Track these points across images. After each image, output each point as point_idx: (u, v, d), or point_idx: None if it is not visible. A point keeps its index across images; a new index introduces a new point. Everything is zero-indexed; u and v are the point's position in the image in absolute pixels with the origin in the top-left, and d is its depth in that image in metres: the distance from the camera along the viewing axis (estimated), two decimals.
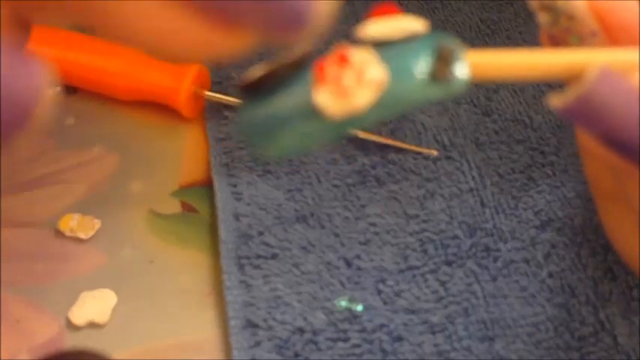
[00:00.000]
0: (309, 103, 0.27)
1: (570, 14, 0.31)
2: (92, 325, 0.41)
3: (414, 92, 0.27)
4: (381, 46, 0.27)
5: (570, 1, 0.31)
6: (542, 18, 0.32)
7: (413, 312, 0.40)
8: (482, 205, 0.44)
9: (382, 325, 0.40)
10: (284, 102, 0.27)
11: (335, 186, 0.45)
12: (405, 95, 0.27)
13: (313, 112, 0.27)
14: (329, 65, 0.26)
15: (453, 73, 0.27)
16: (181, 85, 0.47)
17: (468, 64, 0.27)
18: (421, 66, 0.27)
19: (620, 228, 0.35)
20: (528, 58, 0.28)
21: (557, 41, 0.32)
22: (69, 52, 0.49)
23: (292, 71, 0.27)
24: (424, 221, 0.43)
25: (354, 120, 0.27)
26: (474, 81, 0.27)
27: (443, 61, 0.27)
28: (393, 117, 0.45)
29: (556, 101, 0.29)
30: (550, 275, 0.41)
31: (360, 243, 0.42)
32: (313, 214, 0.44)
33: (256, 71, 0.28)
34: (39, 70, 0.22)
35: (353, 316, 0.40)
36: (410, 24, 0.28)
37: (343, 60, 0.26)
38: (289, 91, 0.27)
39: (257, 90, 0.28)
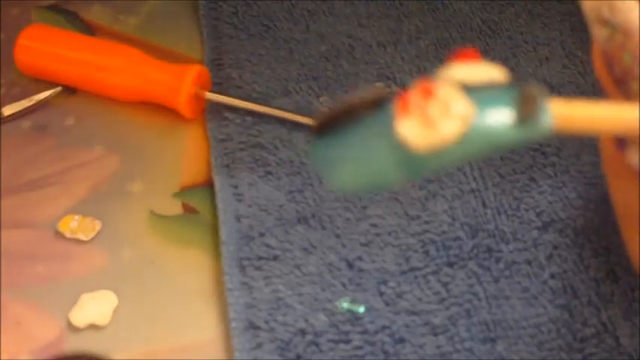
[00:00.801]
0: (392, 136, 0.26)
1: (627, 30, 0.30)
2: (93, 327, 0.41)
3: (499, 132, 0.26)
4: (464, 88, 0.26)
5: (628, 15, 0.30)
6: (598, 32, 0.31)
7: (415, 313, 0.40)
8: (484, 206, 0.44)
9: (384, 327, 0.39)
10: (364, 137, 0.27)
11: None
12: (490, 134, 0.26)
13: (396, 146, 0.26)
14: (413, 96, 0.26)
15: (539, 114, 0.26)
16: (182, 85, 0.47)
17: (552, 113, 0.26)
18: (507, 106, 0.26)
19: None
20: (613, 113, 0.27)
21: (610, 57, 0.31)
22: (69, 53, 0.49)
23: (367, 111, 0.27)
24: (426, 222, 0.43)
25: (438, 155, 0.26)
26: (556, 131, 0.27)
27: (528, 103, 0.26)
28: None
29: (634, 158, 0.28)
30: (552, 276, 0.41)
31: (362, 244, 0.42)
32: (314, 216, 0.43)
33: (331, 110, 0.27)
34: None
35: (355, 318, 0.40)
36: (492, 72, 0.27)
37: (428, 93, 0.25)
38: (368, 126, 0.27)
39: (331, 127, 0.27)
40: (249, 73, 0.50)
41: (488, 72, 0.27)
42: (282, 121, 0.47)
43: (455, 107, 0.25)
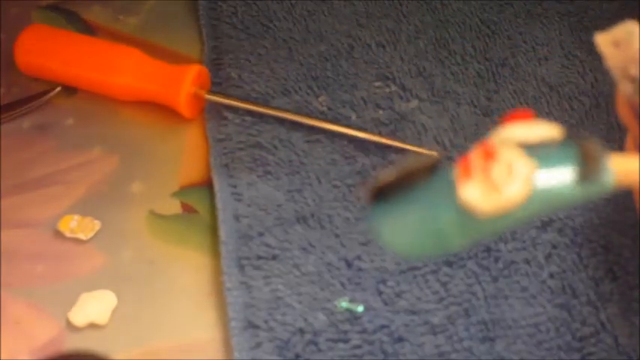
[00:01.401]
0: (454, 200, 0.26)
1: None
2: (92, 327, 0.41)
3: (562, 191, 0.26)
4: (524, 148, 0.26)
5: None
6: (624, 87, 0.31)
7: (414, 313, 0.40)
8: None
9: (383, 326, 0.39)
10: (424, 203, 0.26)
11: (335, 187, 0.45)
12: (554, 194, 0.26)
13: (458, 210, 0.26)
14: (475, 159, 0.25)
15: (601, 170, 0.26)
16: (181, 85, 0.47)
17: (612, 166, 0.26)
18: (568, 164, 0.26)
19: None
20: None
21: (636, 110, 0.31)
22: (69, 53, 0.49)
23: (423, 177, 0.27)
24: None
25: (504, 218, 0.25)
26: (617, 185, 0.26)
27: (589, 161, 0.26)
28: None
29: None
30: (551, 276, 0.41)
31: (361, 244, 0.42)
32: (313, 215, 0.43)
33: (387, 176, 0.27)
34: None
35: (354, 317, 0.40)
36: (548, 130, 0.27)
37: (489, 155, 0.25)
38: (427, 192, 0.26)
39: (387, 194, 0.27)
40: (248, 72, 0.50)
41: (544, 131, 0.27)
42: (282, 121, 0.47)
43: (518, 169, 0.25)
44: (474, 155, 0.26)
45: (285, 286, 0.41)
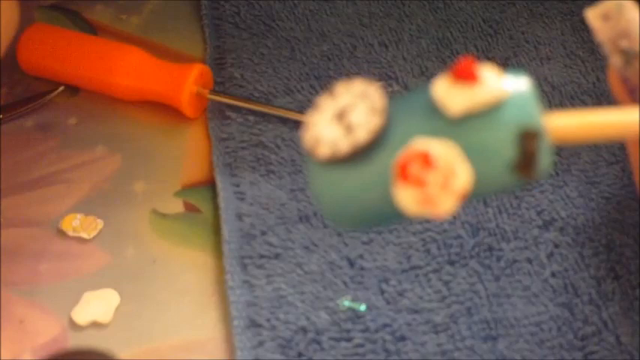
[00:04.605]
0: (389, 195, 0.26)
1: None
2: (95, 325, 0.41)
3: (496, 185, 0.26)
4: (463, 123, 0.26)
5: None
6: (616, 60, 0.31)
7: (416, 312, 0.40)
8: (485, 204, 0.44)
9: (385, 325, 0.40)
10: (363, 186, 0.26)
11: None
12: (486, 188, 0.26)
13: (391, 204, 0.26)
14: (412, 164, 0.25)
15: (538, 168, 0.26)
16: (184, 84, 0.47)
17: (550, 150, 0.26)
18: (504, 158, 0.25)
19: None
20: (613, 118, 0.27)
21: (628, 83, 0.31)
22: (72, 52, 0.49)
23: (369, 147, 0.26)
24: (427, 221, 0.43)
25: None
26: (556, 144, 0.26)
27: (527, 157, 0.26)
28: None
29: None
30: (553, 275, 0.41)
31: (363, 243, 0.42)
32: (316, 214, 0.44)
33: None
34: None
35: (356, 316, 0.40)
36: (492, 90, 0.26)
37: (427, 162, 0.25)
38: (367, 173, 0.26)
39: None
40: (251, 72, 0.50)
41: (488, 93, 0.26)
42: (284, 120, 0.47)
43: (456, 183, 0.25)
44: (411, 158, 0.25)
45: (287, 285, 0.41)
